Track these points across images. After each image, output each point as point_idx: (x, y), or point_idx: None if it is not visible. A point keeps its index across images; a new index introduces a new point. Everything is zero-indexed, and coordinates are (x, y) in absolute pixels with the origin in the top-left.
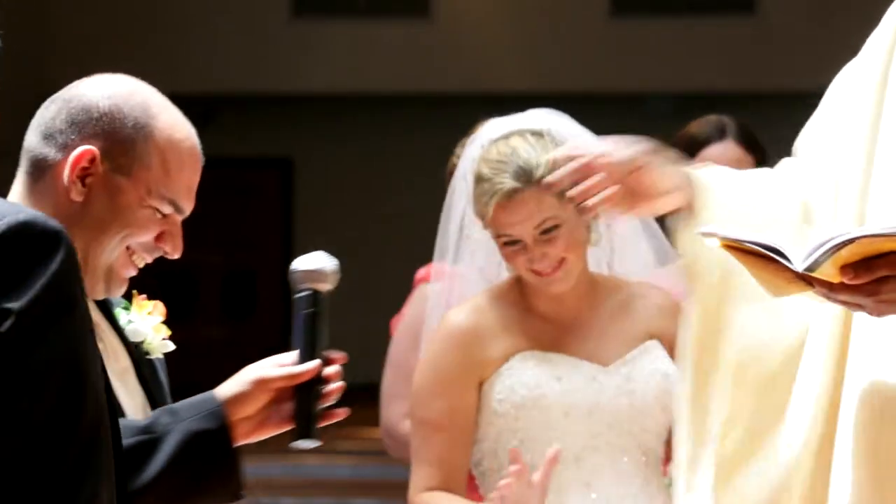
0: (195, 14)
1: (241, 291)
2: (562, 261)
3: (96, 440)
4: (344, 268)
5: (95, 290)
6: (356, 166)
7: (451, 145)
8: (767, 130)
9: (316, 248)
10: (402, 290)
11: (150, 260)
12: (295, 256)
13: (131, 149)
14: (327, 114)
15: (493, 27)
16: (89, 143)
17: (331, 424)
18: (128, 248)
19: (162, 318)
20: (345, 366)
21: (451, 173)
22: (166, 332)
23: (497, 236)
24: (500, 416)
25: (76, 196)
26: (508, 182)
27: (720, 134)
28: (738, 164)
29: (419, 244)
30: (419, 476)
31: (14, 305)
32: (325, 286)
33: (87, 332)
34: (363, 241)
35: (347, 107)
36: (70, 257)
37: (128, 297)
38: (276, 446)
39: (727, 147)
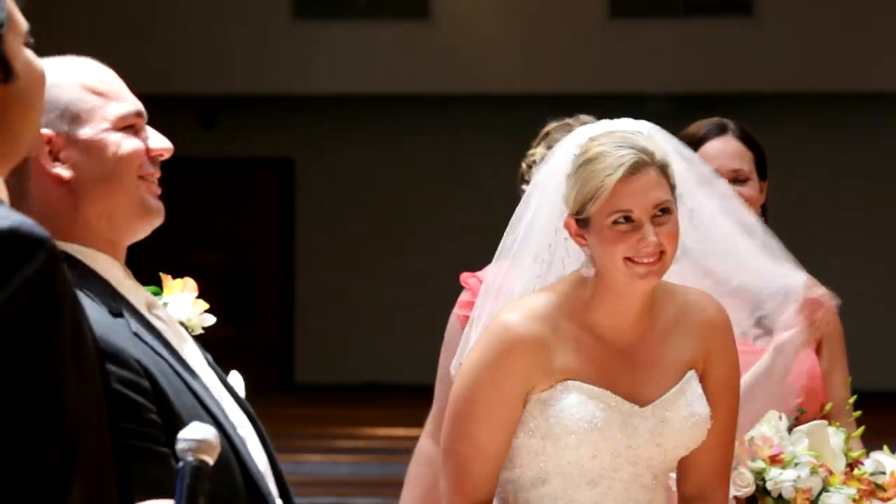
0: (196, 15)
1: (241, 291)
2: (662, 253)
3: (74, 447)
4: (343, 268)
5: (140, 230)
6: (356, 167)
7: (451, 146)
8: (766, 131)
9: (316, 248)
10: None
11: (159, 171)
12: (295, 256)
13: (65, 105)
14: (328, 115)
15: (493, 28)
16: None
17: (331, 423)
18: (140, 177)
19: (195, 293)
20: (344, 366)
21: (523, 177)
22: (204, 304)
23: (610, 213)
24: (529, 436)
25: (66, 174)
26: (635, 154)
27: (719, 130)
28: (737, 159)
29: (419, 244)
30: (470, 487)
31: None
32: (210, 459)
33: (75, 337)
34: (363, 242)
35: (348, 108)
36: (53, 261)
37: (156, 282)
38: (276, 445)
39: (726, 142)
